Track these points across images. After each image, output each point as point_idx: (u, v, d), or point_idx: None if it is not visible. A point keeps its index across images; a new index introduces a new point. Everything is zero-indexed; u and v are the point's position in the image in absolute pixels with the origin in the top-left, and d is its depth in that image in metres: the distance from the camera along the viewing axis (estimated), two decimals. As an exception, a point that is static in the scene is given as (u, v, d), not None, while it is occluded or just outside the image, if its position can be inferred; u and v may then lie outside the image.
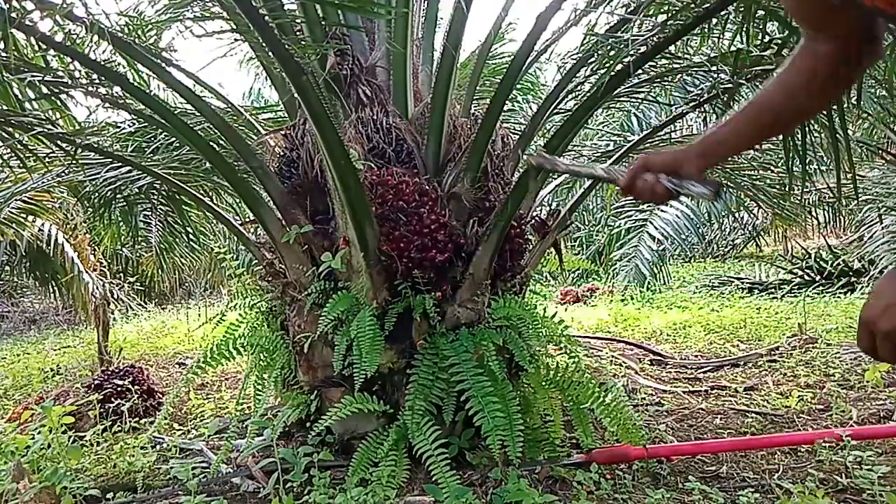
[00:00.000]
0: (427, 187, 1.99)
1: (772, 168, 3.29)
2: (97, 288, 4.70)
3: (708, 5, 1.98)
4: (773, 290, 7.02)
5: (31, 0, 1.88)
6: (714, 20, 2.24)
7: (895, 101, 3.09)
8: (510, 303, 2.10)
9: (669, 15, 2.09)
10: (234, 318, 2.42)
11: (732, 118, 1.04)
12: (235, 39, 1.93)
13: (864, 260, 6.84)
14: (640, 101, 3.35)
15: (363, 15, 2.17)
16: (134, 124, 3.02)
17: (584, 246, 9.52)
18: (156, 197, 3.42)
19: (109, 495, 2.00)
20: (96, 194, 3.09)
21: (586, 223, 9.77)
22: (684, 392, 3.05)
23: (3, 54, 2.03)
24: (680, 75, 2.70)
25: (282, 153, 2.35)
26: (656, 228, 6.23)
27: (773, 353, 3.79)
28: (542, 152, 1.72)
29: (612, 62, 2.37)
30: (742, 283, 7.73)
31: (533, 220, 2.37)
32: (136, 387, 3.08)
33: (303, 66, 1.68)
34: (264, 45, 1.61)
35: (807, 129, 2.37)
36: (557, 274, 8.00)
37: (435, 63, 2.31)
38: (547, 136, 3.05)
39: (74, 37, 2.08)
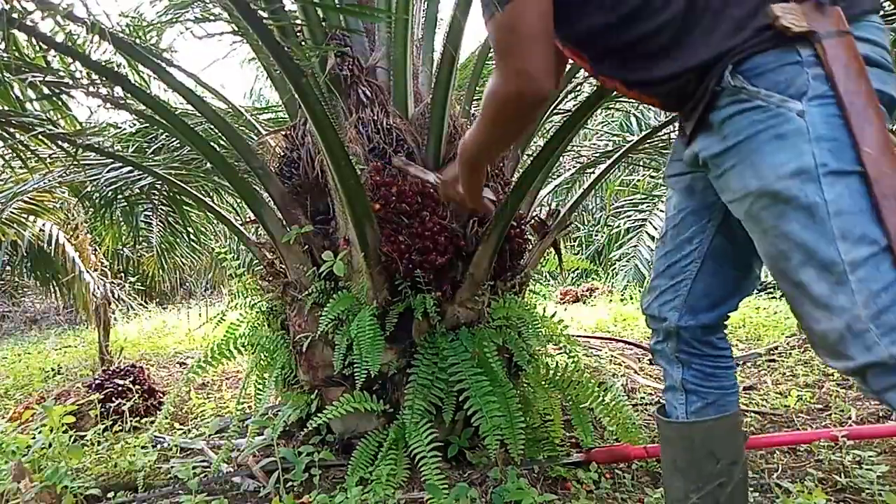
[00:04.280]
0: (433, 191, 2.00)
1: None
2: (98, 288, 4.72)
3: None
4: (772, 290, 7.02)
5: (32, 0, 1.88)
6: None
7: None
8: (510, 303, 2.11)
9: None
10: (235, 317, 2.43)
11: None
12: (233, 42, 1.93)
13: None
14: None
15: (364, 19, 2.18)
16: (135, 125, 3.03)
17: (584, 246, 9.52)
18: (157, 197, 3.43)
19: (110, 494, 2.01)
20: (97, 194, 3.09)
21: (586, 223, 9.77)
22: (684, 392, 3.05)
23: (4, 55, 2.04)
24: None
25: (282, 153, 2.35)
26: (655, 228, 6.23)
27: (771, 352, 3.79)
28: (402, 158, 2.01)
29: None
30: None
31: (533, 220, 2.38)
32: (137, 386, 3.09)
33: (302, 67, 1.68)
34: (263, 47, 1.61)
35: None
36: (557, 274, 8.01)
37: (435, 63, 2.32)
38: (546, 137, 3.06)
39: (75, 37, 2.08)
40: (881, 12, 1.01)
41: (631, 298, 7.23)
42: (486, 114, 1.16)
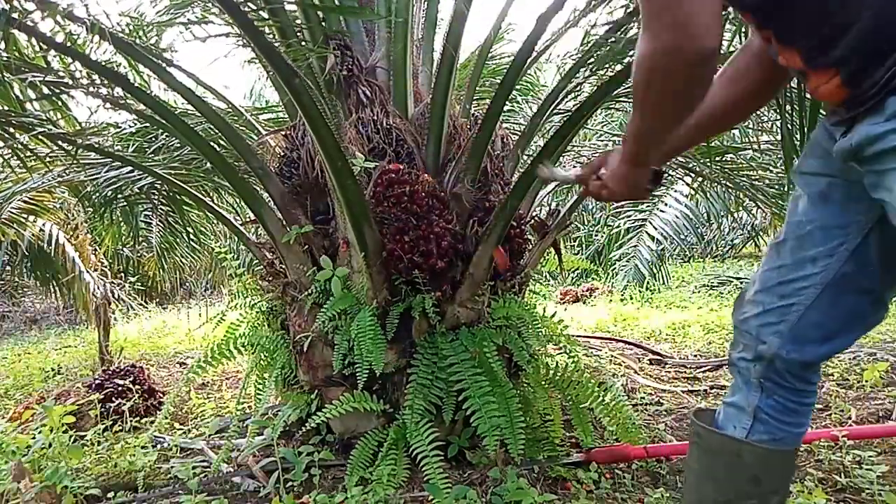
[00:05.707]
0: (442, 194, 2.00)
1: (771, 168, 3.31)
2: (98, 288, 4.72)
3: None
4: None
5: (32, 0, 1.89)
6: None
7: None
8: (510, 303, 2.11)
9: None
10: (235, 317, 2.43)
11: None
12: (228, 42, 1.94)
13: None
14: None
15: (364, 20, 2.18)
16: (135, 125, 3.03)
17: (584, 246, 9.51)
18: (157, 197, 3.43)
19: (110, 494, 2.01)
20: (97, 194, 3.09)
21: (586, 223, 9.77)
22: (683, 391, 3.06)
23: (4, 54, 2.04)
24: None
25: (282, 153, 2.35)
26: (655, 228, 6.23)
27: (772, 352, 3.78)
28: (547, 164, 1.88)
29: (611, 63, 2.38)
30: (741, 282, 7.73)
31: (533, 220, 2.38)
32: (137, 386, 3.09)
33: (296, 68, 1.68)
34: (255, 48, 1.61)
35: (806, 129, 2.38)
36: (557, 274, 8.00)
37: (435, 63, 2.32)
38: (546, 137, 3.06)
39: (75, 37, 2.08)
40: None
41: (631, 298, 7.23)
42: (636, 92, 0.92)
